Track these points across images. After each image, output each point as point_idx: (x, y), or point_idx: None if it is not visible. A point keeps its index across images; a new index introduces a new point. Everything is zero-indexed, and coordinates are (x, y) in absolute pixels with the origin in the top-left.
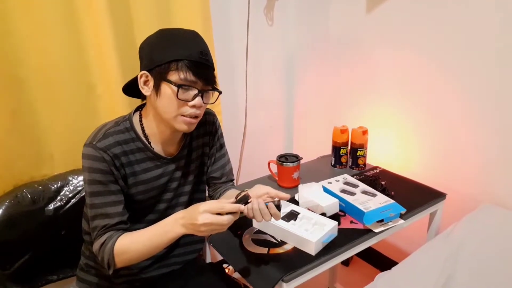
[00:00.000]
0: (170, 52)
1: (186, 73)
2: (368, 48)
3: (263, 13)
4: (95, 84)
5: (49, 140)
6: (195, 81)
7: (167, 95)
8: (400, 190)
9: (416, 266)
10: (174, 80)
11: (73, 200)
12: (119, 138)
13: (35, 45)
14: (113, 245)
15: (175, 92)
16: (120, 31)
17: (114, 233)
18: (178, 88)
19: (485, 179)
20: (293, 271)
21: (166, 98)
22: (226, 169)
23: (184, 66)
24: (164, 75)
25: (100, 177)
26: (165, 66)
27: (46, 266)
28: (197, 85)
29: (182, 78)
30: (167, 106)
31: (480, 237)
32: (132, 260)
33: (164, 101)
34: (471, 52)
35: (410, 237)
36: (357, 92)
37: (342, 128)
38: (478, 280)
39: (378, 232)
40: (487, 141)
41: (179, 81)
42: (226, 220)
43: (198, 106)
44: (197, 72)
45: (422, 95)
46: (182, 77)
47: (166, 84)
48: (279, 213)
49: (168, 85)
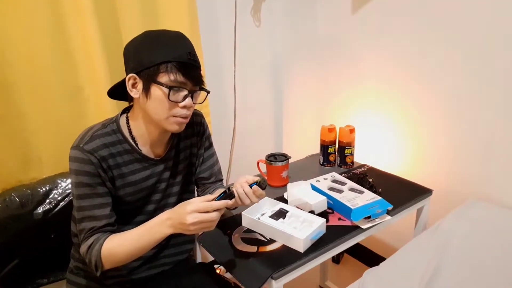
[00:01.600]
0: (158, 53)
1: (176, 74)
2: (354, 49)
3: (250, 14)
4: (82, 86)
5: (37, 143)
6: (184, 82)
7: (158, 97)
8: (388, 187)
9: (403, 261)
10: (165, 82)
11: (62, 203)
12: (106, 141)
13: (23, 49)
14: (100, 247)
15: (166, 94)
16: (107, 34)
17: (101, 235)
18: (169, 90)
19: (470, 175)
20: (282, 268)
21: (156, 100)
22: (215, 169)
23: (174, 68)
24: (153, 77)
25: (87, 179)
26: (155, 68)
27: (36, 269)
28: (187, 86)
29: (172, 79)
30: (158, 108)
31: (466, 231)
32: (120, 261)
33: (154, 103)
34: (454, 52)
35: (399, 233)
36: (345, 91)
37: (330, 127)
38: (464, 273)
39: (366, 229)
40: (471, 137)
41: (170, 82)
42: (215, 216)
43: (188, 106)
44: (186, 73)
45: (407, 93)
46: (172, 78)
47: (156, 86)
48: (263, 192)
49: (159, 87)
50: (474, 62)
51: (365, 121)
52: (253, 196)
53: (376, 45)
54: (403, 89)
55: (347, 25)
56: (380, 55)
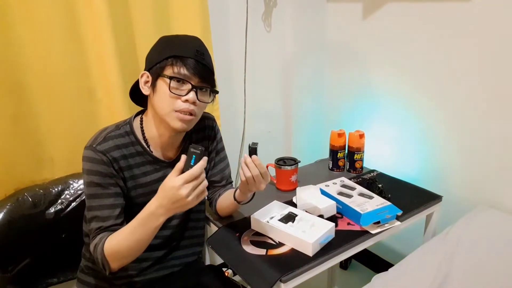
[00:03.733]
0: (168, 50)
1: (180, 67)
2: (364, 54)
3: (261, 19)
4: (95, 88)
5: (49, 144)
6: (189, 76)
7: (162, 90)
8: (397, 192)
9: (412, 267)
10: (168, 74)
11: (74, 203)
12: (119, 142)
13: (36, 50)
14: (103, 245)
15: (167, 85)
16: (120, 37)
17: (105, 234)
18: (170, 80)
19: (480, 182)
20: (291, 272)
21: (161, 93)
22: (226, 172)
23: (179, 61)
24: (160, 70)
25: (99, 179)
26: (162, 62)
27: (47, 268)
28: (192, 81)
29: (175, 72)
30: (161, 101)
31: (475, 238)
32: (125, 257)
33: (159, 96)
34: (467, 57)
35: (407, 240)
36: (354, 96)
37: (340, 132)
38: (473, 281)
39: (375, 234)
40: (482, 144)
41: (172, 74)
42: (203, 176)
43: (191, 101)
44: (191, 67)
45: (417, 99)
46: (175, 71)
47: (161, 79)
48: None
49: (163, 79)
50: (488, 67)
51: (374, 126)
52: (254, 167)
53: (386, 51)
54: (413, 94)
55: (358, 31)
56: (390, 61)
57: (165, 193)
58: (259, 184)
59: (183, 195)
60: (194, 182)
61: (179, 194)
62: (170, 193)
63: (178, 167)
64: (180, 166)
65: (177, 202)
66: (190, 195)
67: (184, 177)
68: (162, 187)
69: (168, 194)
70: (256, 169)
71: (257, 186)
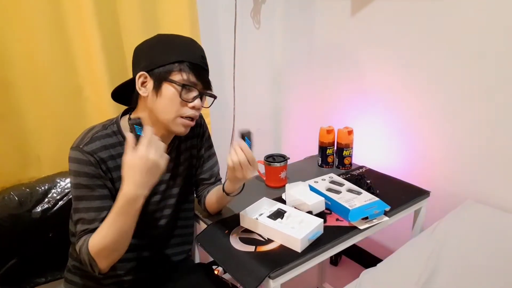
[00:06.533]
0: (173, 53)
1: (188, 74)
2: (353, 52)
3: (250, 16)
4: (82, 86)
5: (36, 142)
6: (196, 83)
7: (169, 95)
8: (385, 188)
9: (400, 262)
10: (178, 80)
11: (61, 202)
12: (107, 142)
13: (22, 47)
14: (87, 245)
15: (178, 92)
16: (107, 34)
17: (89, 235)
18: (182, 87)
19: (467, 177)
20: (279, 268)
21: (167, 98)
22: (215, 170)
23: (187, 68)
24: (166, 75)
25: (86, 180)
26: (168, 66)
27: (34, 268)
28: (198, 87)
29: (185, 79)
30: (167, 107)
31: (463, 233)
32: (111, 251)
33: (164, 101)
34: (451, 54)
35: (396, 235)
36: (343, 93)
37: (328, 128)
38: (460, 275)
39: (363, 229)
40: (469, 139)
41: (182, 81)
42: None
43: (197, 107)
44: (198, 74)
45: (405, 96)
46: (185, 78)
47: (169, 84)
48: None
49: (171, 85)
50: (475, 63)
51: (363, 123)
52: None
53: (374, 48)
54: (401, 91)
55: (346, 28)
56: (379, 58)
57: (132, 169)
58: (246, 170)
59: (152, 158)
60: (146, 141)
61: (149, 159)
62: (136, 164)
63: (131, 144)
64: (132, 142)
65: (149, 170)
66: (151, 152)
67: (143, 143)
68: (128, 167)
69: (135, 167)
70: (243, 155)
71: (244, 173)
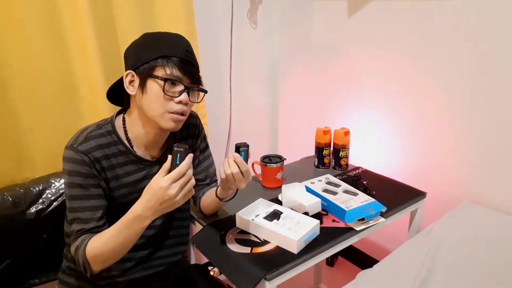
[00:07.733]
0: (156, 49)
1: (172, 68)
2: (350, 52)
3: (246, 16)
4: (77, 86)
5: (31, 142)
6: (181, 77)
7: (153, 91)
8: (382, 189)
9: (396, 263)
10: (161, 75)
11: (55, 203)
12: (101, 142)
13: (18, 48)
14: (85, 248)
15: (161, 87)
16: (103, 34)
17: (87, 236)
18: (164, 82)
19: (464, 178)
20: (275, 270)
21: (152, 94)
22: (210, 171)
23: (170, 62)
24: (150, 71)
25: (80, 180)
26: (152, 62)
27: (28, 269)
28: (184, 82)
29: (168, 73)
30: (153, 103)
31: (459, 234)
32: (108, 259)
33: (150, 98)
34: (449, 56)
35: (392, 236)
36: (340, 94)
37: (325, 129)
38: (457, 277)
39: (360, 230)
40: (466, 141)
41: (166, 75)
42: (186, 168)
43: (184, 102)
44: (183, 68)
45: (402, 97)
46: (168, 72)
47: (153, 80)
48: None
49: (155, 80)
50: (474, 65)
51: (360, 124)
52: (234, 164)
53: (371, 49)
54: (398, 92)
55: (344, 28)
56: (375, 59)
57: (152, 194)
58: (239, 182)
59: (171, 195)
60: (182, 180)
61: (168, 194)
62: (158, 193)
63: (165, 167)
64: (167, 167)
65: (165, 202)
66: (179, 194)
67: (171, 176)
68: (149, 189)
69: (156, 194)
70: (235, 166)
71: (237, 184)
